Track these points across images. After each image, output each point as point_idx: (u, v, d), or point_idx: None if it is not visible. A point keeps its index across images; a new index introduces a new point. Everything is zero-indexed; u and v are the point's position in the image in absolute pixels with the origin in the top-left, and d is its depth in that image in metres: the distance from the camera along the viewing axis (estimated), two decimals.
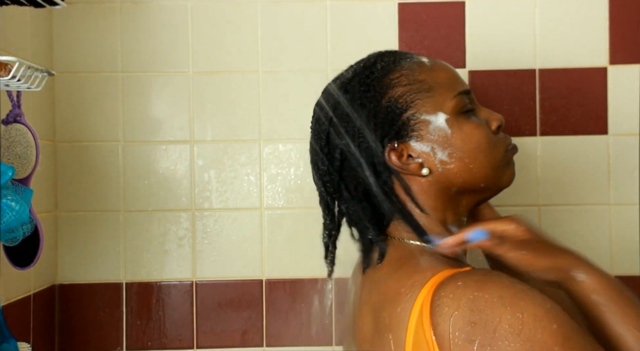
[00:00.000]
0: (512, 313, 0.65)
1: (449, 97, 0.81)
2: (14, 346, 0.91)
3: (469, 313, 0.66)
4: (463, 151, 0.80)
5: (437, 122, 0.80)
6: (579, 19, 1.25)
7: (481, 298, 0.67)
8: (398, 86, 0.81)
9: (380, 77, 0.82)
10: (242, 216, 1.26)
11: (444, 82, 0.82)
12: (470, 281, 0.69)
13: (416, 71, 0.82)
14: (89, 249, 1.25)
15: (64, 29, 1.25)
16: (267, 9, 1.26)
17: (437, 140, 0.80)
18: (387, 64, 0.83)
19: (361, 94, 0.81)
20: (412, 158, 0.80)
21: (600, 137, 1.25)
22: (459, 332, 0.66)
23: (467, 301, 0.67)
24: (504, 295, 0.67)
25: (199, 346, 1.25)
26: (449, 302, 0.67)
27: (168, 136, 1.26)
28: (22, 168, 0.96)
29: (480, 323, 0.65)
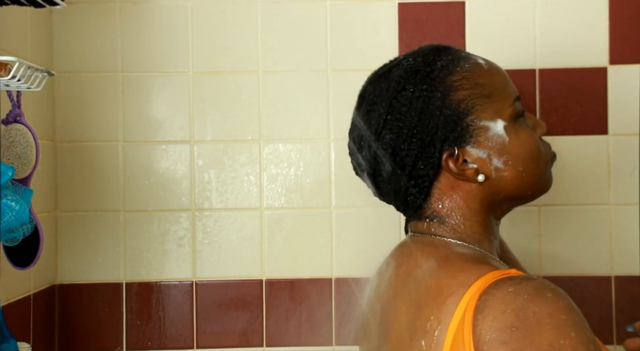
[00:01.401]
0: (555, 336, 0.64)
1: (507, 104, 0.81)
2: (14, 346, 0.91)
3: (513, 318, 0.66)
4: (518, 159, 0.80)
5: (496, 129, 0.80)
6: (579, 19, 1.25)
7: (531, 309, 0.66)
8: (460, 90, 0.80)
9: (443, 78, 0.81)
10: (242, 216, 1.26)
11: (502, 87, 0.82)
12: (523, 290, 0.68)
13: (476, 74, 0.81)
14: (89, 249, 1.25)
15: (64, 29, 1.25)
16: (267, 9, 1.26)
17: (495, 147, 0.80)
18: (447, 63, 0.82)
19: (424, 90, 0.80)
20: (467, 163, 0.80)
21: (600, 137, 1.25)
22: (497, 333, 0.65)
23: (515, 308, 0.66)
24: (555, 314, 0.66)
25: (199, 346, 1.25)
26: (496, 305, 0.67)
27: (168, 136, 1.26)
28: (22, 168, 0.96)
29: (521, 330, 0.65)
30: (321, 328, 1.25)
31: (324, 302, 1.25)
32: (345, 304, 1.24)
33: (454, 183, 0.81)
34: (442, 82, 0.80)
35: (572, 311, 0.67)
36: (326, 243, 1.25)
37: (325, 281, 1.25)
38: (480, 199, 0.81)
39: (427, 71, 0.81)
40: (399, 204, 0.86)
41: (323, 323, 1.25)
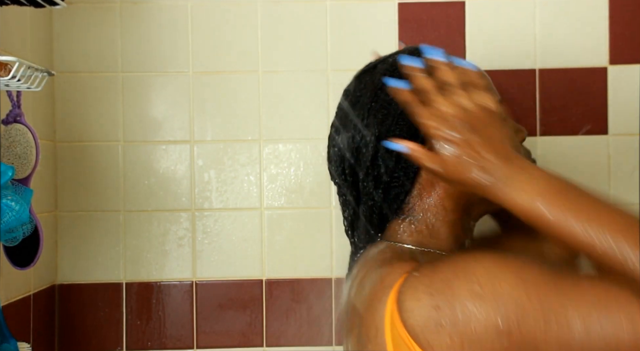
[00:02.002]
0: (466, 280, 0.65)
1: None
2: (14, 346, 0.91)
3: (429, 298, 0.66)
4: None
5: None
6: (579, 19, 1.25)
7: (435, 278, 0.67)
8: None
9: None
10: (242, 216, 1.26)
11: (486, 88, 0.81)
12: (424, 270, 0.69)
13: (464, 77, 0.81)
14: (89, 249, 1.25)
15: (64, 29, 1.25)
16: (267, 9, 1.26)
17: None
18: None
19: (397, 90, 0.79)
20: None
21: (600, 137, 1.25)
22: (427, 321, 0.65)
23: (424, 289, 0.67)
24: (454, 268, 0.67)
25: (199, 346, 1.25)
26: (409, 296, 0.67)
27: (168, 136, 1.26)
28: (22, 168, 0.96)
29: (442, 305, 0.65)
30: (321, 328, 1.25)
31: (324, 302, 1.25)
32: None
33: (433, 181, 0.80)
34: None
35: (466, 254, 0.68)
36: (326, 243, 1.25)
37: (325, 281, 1.25)
38: (457, 198, 0.80)
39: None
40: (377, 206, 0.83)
41: (323, 323, 1.25)
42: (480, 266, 0.66)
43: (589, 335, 0.60)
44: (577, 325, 0.61)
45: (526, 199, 0.67)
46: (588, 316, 0.60)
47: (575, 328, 0.61)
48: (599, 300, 0.61)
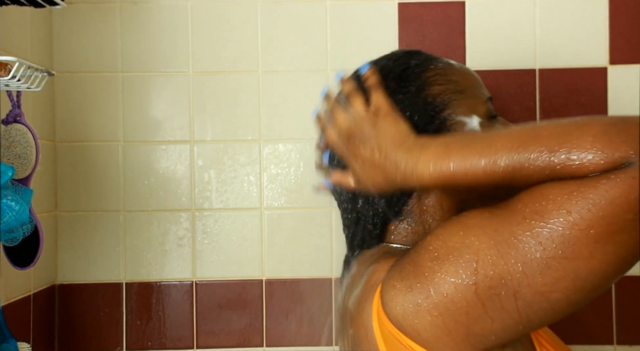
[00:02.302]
0: (425, 251, 0.66)
1: (481, 101, 0.81)
2: (14, 346, 0.91)
3: (402, 283, 0.66)
4: None
5: (472, 125, 0.79)
6: (579, 19, 1.25)
7: (404, 264, 0.68)
8: (435, 85, 0.80)
9: (417, 73, 0.81)
10: (242, 216, 1.26)
11: (475, 85, 0.82)
12: (398, 260, 0.70)
13: (448, 71, 0.82)
14: (89, 249, 1.25)
15: (64, 29, 1.25)
16: (267, 9, 1.26)
17: None
18: (421, 62, 0.82)
19: (399, 87, 0.80)
20: None
21: None
22: (405, 306, 0.65)
23: (397, 275, 0.67)
24: (416, 247, 0.68)
25: (199, 346, 1.25)
26: (387, 290, 0.68)
27: (168, 136, 1.26)
28: (22, 168, 0.96)
29: (413, 284, 0.65)
30: (321, 328, 1.25)
31: (324, 302, 1.25)
32: None
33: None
34: (417, 78, 0.81)
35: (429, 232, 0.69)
36: (326, 243, 1.25)
37: (325, 281, 1.25)
38: (454, 196, 0.80)
39: (402, 69, 0.82)
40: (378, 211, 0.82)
41: (323, 323, 1.25)
42: (431, 236, 0.67)
43: (542, 246, 0.60)
44: (528, 241, 0.60)
45: (426, 168, 0.68)
46: (534, 228, 0.60)
47: (527, 246, 0.60)
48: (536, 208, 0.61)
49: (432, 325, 0.64)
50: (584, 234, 0.59)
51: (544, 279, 0.60)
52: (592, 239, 0.58)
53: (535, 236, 0.60)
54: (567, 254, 0.59)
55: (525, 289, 0.61)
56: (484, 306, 0.62)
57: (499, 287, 0.61)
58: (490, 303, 0.62)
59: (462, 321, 0.63)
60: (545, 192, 0.61)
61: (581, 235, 0.59)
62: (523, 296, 0.61)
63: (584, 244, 0.59)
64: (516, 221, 0.62)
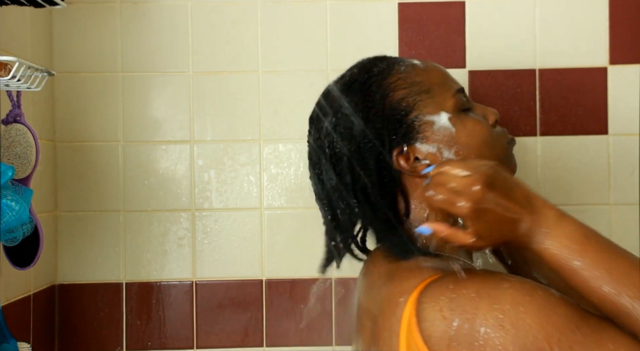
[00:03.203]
0: (490, 305, 0.65)
1: (448, 96, 0.81)
2: (14, 346, 0.91)
3: (450, 313, 0.66)
4: (469, 147, 0.80)
5: (441, 122, 0.80)
6: (579, 19, 1.25)
7: (459, 296, 0.67)
8: (398, 89, 0.81)
9: (379, 81, 0.82)
10: (242, 216, 1.26)
11: (440, 82, 0.82)
12: (448, 282, 0.69)
13: (412, 73, 0.82)
14: (89, 249, 1.25)
15: (64, 29, 1.25)
16: (267, 9, 1.26)
17: (443, 139, 0.80)
18: (382, 68, 0.83)
19: (363, 98, 0.81)
20: (419, 160, 0.80)
21: (600, 137, 1.25)
22: (444, 335, 0.65)
23: (446, 302, 0.67)
24: (480, 287, 0.67)
25: (199, 346, 1.25)
26: (430, 307, 0.67)
27: (168, 136, 1.26)
28: (22, 168, 0.96)
29: (462, 323, 0.65)
30: (321, 328, 1.25)
31: (324, 302, 1.25)
32: (344, 304, 1.24)
33: (414, 182, 0.81)
34: (380, 85, 0.82)
35: (494, 277, 0.68)
36: None
37: (325, 281, 1.25)
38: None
39: (364, 78, 0.83)
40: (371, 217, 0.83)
41: (323, 323, 1.25)
42: (506, 294, 0.65)
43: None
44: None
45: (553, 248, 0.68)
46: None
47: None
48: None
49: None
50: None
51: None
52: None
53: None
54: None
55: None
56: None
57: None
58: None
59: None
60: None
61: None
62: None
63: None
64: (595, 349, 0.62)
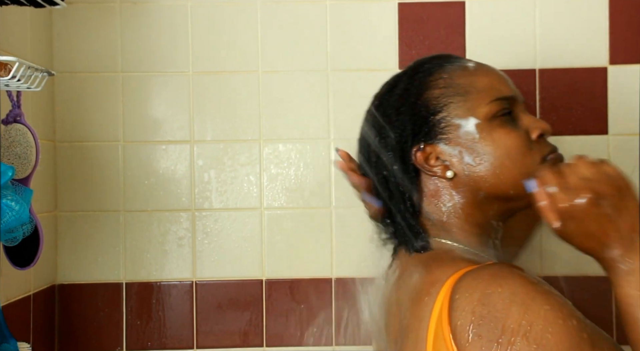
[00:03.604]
0: (521, 312, 0.65)
1: (484, 102, 0.81)
2: (14, 346, 0.91)
3: (480, 307, 0.66)
4: (491, 155, 0.80)
5: (467, 127, 0.80)
6: (579, 19, 1.25)
7: (494, 293, 0.67)
8: (435, 88, 0.82)
9: (423, 77, 0.83)
10: (242, 216, 1.26)
11: (483, 87, 0.82)
12: (485, 275, 0.69)
13: (456, 75, 0.83)
14: (89, 249, 1.25)
15: (64, 29, 1.25)
16: (267, 9, 1.26)
17: (465, 144, 0.80)
18: (433, 65, 0.85)
19: (402, 91, 0.84)
20: (439, 160, 0.81)
21: (600, 137, 1.25)
22: (470, 326, 0.66)
23: (480, 296, 0.67)
24: (517, 291, 0.67)
25: (199, 346, 1.25)
26: (463, 298, 0.68)
27: (168, 136, 1.26)
28: (22, 168, 0.96)
29: (489, 318, 0.65)
30: (321, 328, 1.25)
31: (324, 302, 1.25)
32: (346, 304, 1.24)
33: (433, 180, 0.82)
34: (421, 81, 0.83)
35: (532, 282, 0.68)
36: (326, 243, 1.25)
37: (325, 281, 1.25)
38: (461, 197, 0.81)
39: (414, 72, 0.85)
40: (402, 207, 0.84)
41: (323, 323, 1.25)
42: (541, 309, 0.66)
43: None
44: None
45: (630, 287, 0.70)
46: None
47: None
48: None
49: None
50: None
51: None
52: None
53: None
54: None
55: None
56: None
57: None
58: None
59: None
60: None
61: None
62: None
63: None
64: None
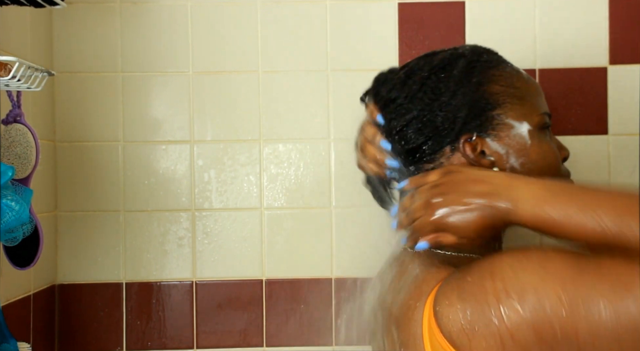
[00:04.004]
0: (492, 280, 0.65)
1: (537, 112, 0.82)
2: (14, 346, 0.91)
3: (461, 303, 0.66)
4: (536, 165, 0.81)
5: (520, 130, 0.81)
6: (579, 19, 1.25)
7: (467, 284, 0.67)
8: (496, 84, 0.82)
9: (485, 69, 0.83)
10: (242, 216, 1.26)
11: (535, 97, 0.84)
12: (456, 275, 0.70)
13: (515, 77, 0.84)
14: (89, 249, 1.25)
15: (64, 29, 1.25)
16: (267, 9, 1.26)
17: (515, 146, 0.80)
18: (492, 59, 0.85)
19: (463, 74, 0.82)
20: (485, 155, 0.80)
21: (600, 137, 1.25)
22: (461, 326, 0.66)
23: (456, 294, 0.67)
24: (481, 269, 0.67)
25: (199, 346, 1.25)
26: (444, 304, 0.68)
27: (168, 136, 1.26)
28: (22, 168, 0.96)
29: (473, 308, 0.65)
30: (321, 328, 1.25)
31: (324, 302, 1.25)
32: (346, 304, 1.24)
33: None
34: (483, 72, 0.83)
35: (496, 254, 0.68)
36: (326, 243, 1.25)
37: (325, 281, 1.25)
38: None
39: (474, 59, 0.84)
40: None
41: (323, 323, 1.25)
42: (503, 264, 0.66)
43: (617, 317, 0.59)
44: (605, 308, 0.60)
45: (529, 208, 0.68)
46: (615, 299, 0.60)
47: (603, 312, 0.60)
48: (624, 281, 0.60)
49: (486, 350, 0.64)
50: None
51: (611, 347, 0.60)
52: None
53: (615, 307, 0.60)
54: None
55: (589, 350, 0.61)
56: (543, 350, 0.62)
57: (563, 341, 0.61)
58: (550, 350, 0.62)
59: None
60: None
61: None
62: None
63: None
64: (601, 284, 0.61)
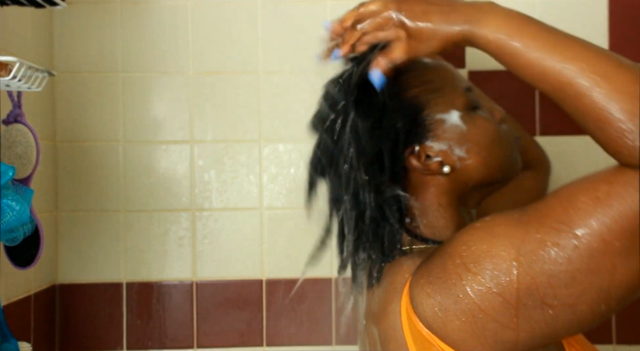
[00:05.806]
0: (451, 259, 0.66)
1: (458, 94, 0.81)
2: (15, 345, 0.91)
3: (430, 287, 0.67)
4: (480, 145, 0.80)
5: (452, 120, 0.80)
6: (579, 19, 1.25)
7: (432, 269, 0.68)
8: (412, 87, 0.80)
9: (395, 78, 0.79)
10: (242, 216, 1.26)
11: (450, 80, 0.82)
12: (424, 265, 0.70)
13: (424, 72, 0.82)
14: (89, 249, 1.25)
15: (64, 29, 1.25)
16: (267, 9, 1.26)
17: (454, 137, 0.79)
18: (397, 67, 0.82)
19: (379, 94, 0.78)
20: (430, 158, 0.79)
21: None
22: (433, 309, 0.66)
23: (425, 280, 0.68)
24: (442, 253, 0.68)
25: (199, 346, 1.25)
26: (416, 292, 0.68)
27: (168, 136, 1.26)
28: (23, 168, 0.96)
29: (440, 289, 0.66)
30: (321, 328, 1.25)
31: (324, 302, 1.25)
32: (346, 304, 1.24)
33: (422, 180, 0.80)
34: (395, 82, 0.79)
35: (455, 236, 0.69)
36: None
37: (325, 281, 1.25)
38: (450, 192, 0.80)
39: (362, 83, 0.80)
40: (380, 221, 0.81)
41: (323, 323, 1.25)
42: (457, 242, 0.67)
43: (568, 257, 0.60)
44: (555, 253, 0.60)
45: (490, 32, 0.69)
46: (560, 240, 0.60)
47: (553, 256, 0.60)
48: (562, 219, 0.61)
49: (461, 330, 0.65)
50: (609, 247, 0.58)
51: (570, 291, 0.60)
52: (617, 251, 0.58)
53: (562, 249, 0.60)
54: (592, 267, 0.59)
55: (551, 301, 0.61)
56: (511, 314, 0.63)
57: (526, 298, 0.62)
58: (517, 312, 0.62)
59: (490, 328, 0.64)
60: (573, 199, 0.61)
61: (606, 248, 0.59)
62: (549, 307, 0.61)
63: (608, 257, 0.59)
64: (544, 231, 0.61)
